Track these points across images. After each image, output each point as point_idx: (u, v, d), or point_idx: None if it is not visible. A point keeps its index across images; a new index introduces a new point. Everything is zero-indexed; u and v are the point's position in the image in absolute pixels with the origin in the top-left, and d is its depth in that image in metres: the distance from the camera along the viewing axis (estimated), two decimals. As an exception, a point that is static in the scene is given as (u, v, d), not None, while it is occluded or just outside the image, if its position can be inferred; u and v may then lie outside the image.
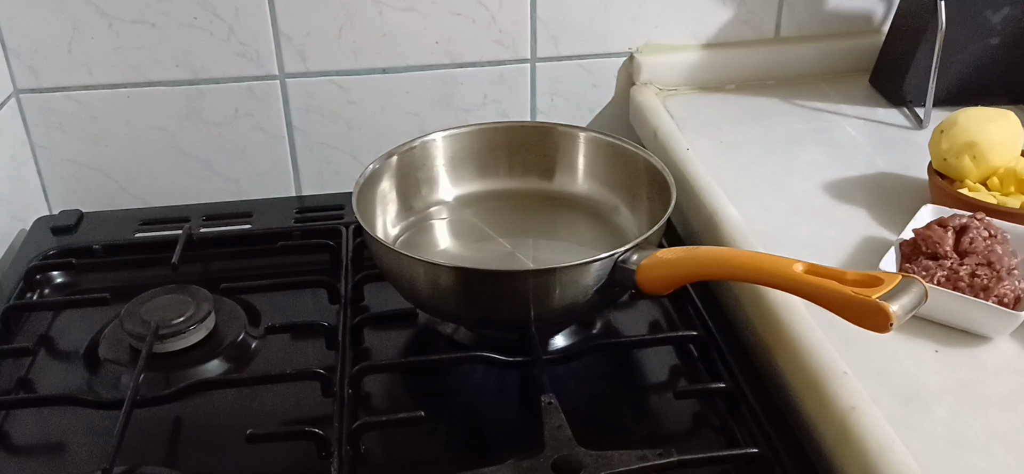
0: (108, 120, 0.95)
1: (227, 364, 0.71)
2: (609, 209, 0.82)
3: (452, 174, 0.84)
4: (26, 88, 0.92)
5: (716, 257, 0.65)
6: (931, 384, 0.60)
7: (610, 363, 0.71)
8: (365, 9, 0.94)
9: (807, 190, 0.83)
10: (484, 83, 1.00)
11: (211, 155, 0.98)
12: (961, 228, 0.68)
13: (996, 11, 0.93)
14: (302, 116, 0.98)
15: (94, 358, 0.72)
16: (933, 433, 0.56)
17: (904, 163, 0.86)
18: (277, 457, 0.61)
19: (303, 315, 0.75)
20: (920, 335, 0.63)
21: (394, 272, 0.69)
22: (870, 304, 0.52)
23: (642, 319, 0.76)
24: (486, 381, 0.69)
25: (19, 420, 0.66)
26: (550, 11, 0.97)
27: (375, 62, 0.97)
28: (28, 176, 0.96)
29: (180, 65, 0.93)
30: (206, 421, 0.66)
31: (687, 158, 0.87)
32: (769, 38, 1.04)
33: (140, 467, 0.60)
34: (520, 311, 0.66)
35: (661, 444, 0.57)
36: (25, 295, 0.79)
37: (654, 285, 0.65)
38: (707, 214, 0.79)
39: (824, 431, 0.58)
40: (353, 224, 0.86)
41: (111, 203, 0.97)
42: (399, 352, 0.73)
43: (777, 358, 0.65)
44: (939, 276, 0.64)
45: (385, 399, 0.68)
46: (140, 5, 0.90)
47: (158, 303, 0.73)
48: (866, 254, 0.73)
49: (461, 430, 0.65)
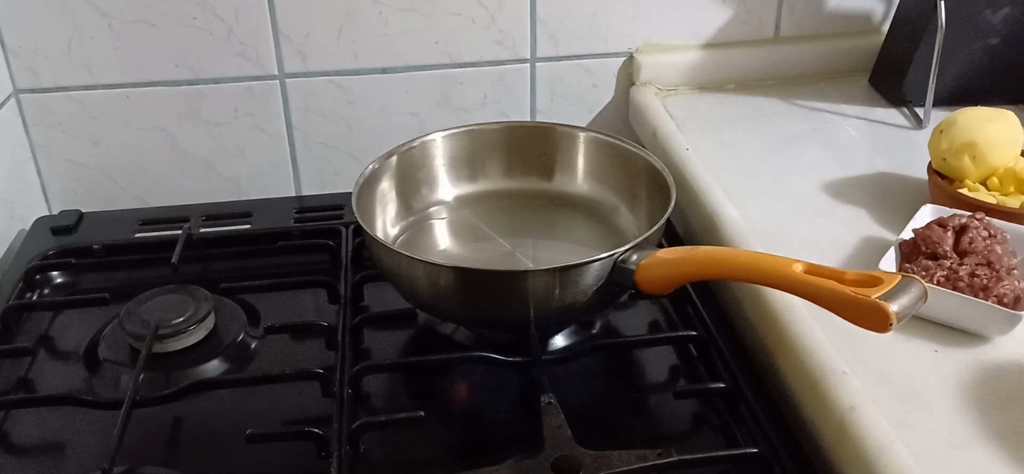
0: (108, 120, 0.95)
1: (227, 364, 0.71)
2: (609, 209, 0.82)
3: (452, 174, 0.84)
4: (26, 88, 0.92)
5: (716, 257, 0.65)
6: (931, 384, 0.60)
7: (610, 363, 0.71)
8: (365, 9, 0.94)
9: (807, 190, 0.83)
10: (484, 83, 1.00)
11: (211, 155, 0.98)
12: (961, 228, 0.68)
13: (996, 11, 0.93)
14: (302, 116, 0.98)
15: (94, 358, 0.72)
16: (933, 433, 0.56)
17: (904, 163, 0.86)
18: (277, 457, 0.61)
19: (303, 315, 0.75)
20: (920, 335, 0.63)
21: (394, 272, 0.69)
22: (870, 304, 0.52)
23: (642, 319, 0.76)
24: (486, 381, 0.69)
25: (19, 420, 0.66)
26: (550, 11, 0.97)
27: (375, 62, 0.97)
28: (28, 176, 0.96)
29: (180, 65, 0.93)
30: (206, 421, 0.66)
31: (687, 158, 0.87)
32: (769, 38, 1.04)
33: (140, 467, 0.60)
34: (520, 311, 0.66)
35: (661, 444, 0.58)
36: (25, 295, 0.79)
37: (654, 285, 0.65)
38: (707, 214, 0.79)
39: (824, 431, 0.58)
40: (353, 224, 0.86)
41: (111, 203, 0.97)
42: (399, 352, 0.73)
43: (777, 358, 0.65)
44: (939, 276, 0.64)
45: (385, 399, 0.68)
46: (140, 5, 0.90)
47: (158, 303, 0.73)
48: (866, 254, 0.73)
49: (461, 430, 0.65)
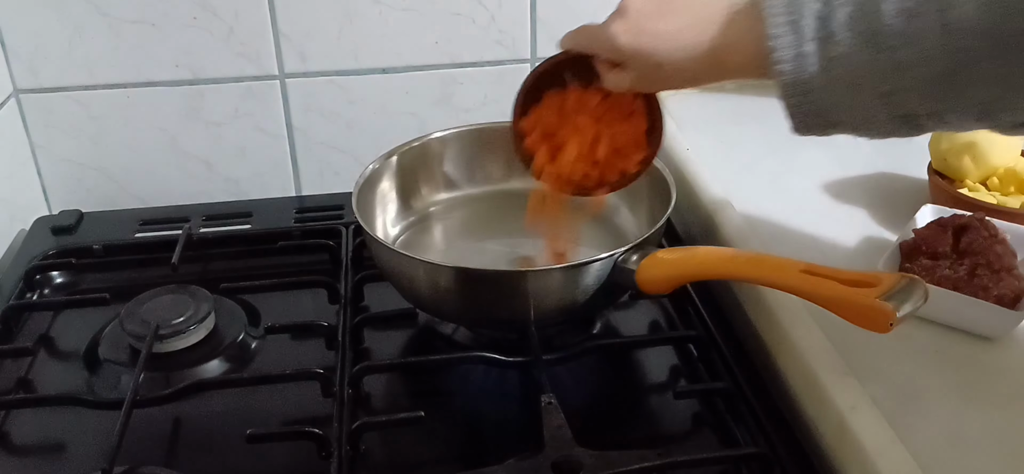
0: (108, 120, 0.95)
1: (227, 364, 0.71)
2: (609, 209, 0.82)
3: (452, 174, 0.84)
4: (26, 88, 0.92)
5: (716, 257, 0.65)
6: (931, 384, 0.60)
7: (610, 363, 0.71)
8: (365, 9, 0.94)
9: (807, 190, 0.83)
10: (484, 83, 0.99)
11: (211, 155, 0.98)
12: (961, 228, 0.68)
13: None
14: (302, 116, 0.98)
15: (94, 358, 0.71)
16: (933, 433, 0.56)
17: (904, 163, 0.86)
18: (277, 457, 0.61)
19: (303, 315, 0.75)
20: (920, 335, 0.63)
21: (394, 272, 0.69)
22: (870, 304, 0.52)
23: (642, 319, 0.76)
24: (486, 381, 0.69)
25: (19, 420, 0.66)
26: (550, 11, 0.97)
27: (375, 62, 0.97)
28: (28, 176, 0.96)
29: (180, 65, 0.93)
30: (206, 421, 0.65)
31: (687, 158, 0.87)
32: (769, 38, 1.04)
33: (140, 467, 0.60)
34: (520, 311, 0.66)
35: (661, 444, 0.58)
36: (25, 295, 0.79)
37: (654, 285, 0.65)
38: (707, 214, 0.79)
39: (824, 431, 0.58)
40: (353, 224, 0.86)
41: (111, 203, 0.97)
42: (399, 352, 0.73)
43: (777, 358, 0.65)
44: (939, 276, 0.64)
45: (385, 399, 0.68)
46: (140, 5, 0.90)
47: (158, 303, 0.73)
48: (866, 254, 0.73)
49: (461, 430, 0.65)
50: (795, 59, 0.53)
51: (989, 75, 0.49)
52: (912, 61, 0.50)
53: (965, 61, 0.49)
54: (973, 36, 0.49)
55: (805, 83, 0.54)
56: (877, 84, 0.52)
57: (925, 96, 0.52)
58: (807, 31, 0.53)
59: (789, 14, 0.53)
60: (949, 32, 0.49)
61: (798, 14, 0.53)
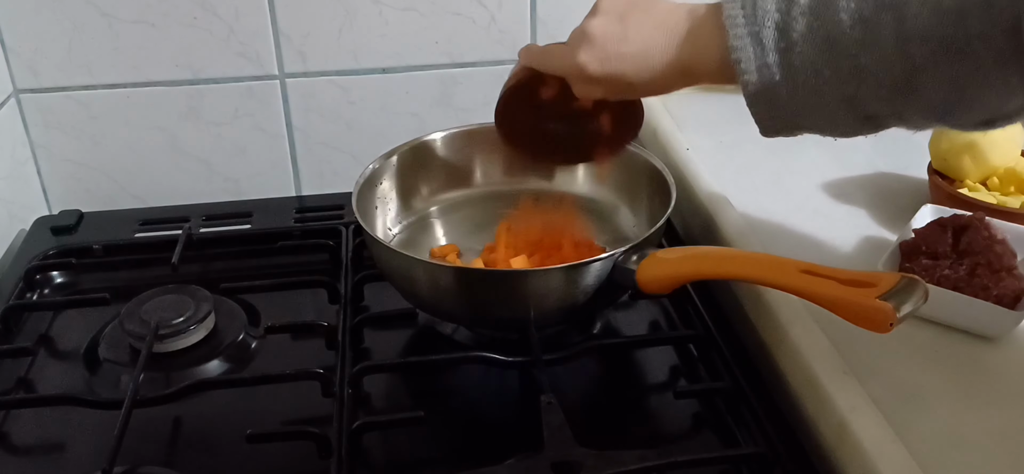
0: (108, 120, 0.95)
1: (227, 364, 0.71)
2: (609, 209, 0.82)
3: (452, 174, 0.84)
4: (26, 88, 0.92)
5: (716, 257, 0.65)
6: (931, 384, 0.60)
7: (610, 363, 0.71)
8: (365, 9, 0.94)
9: (807, 190, 0.83)
10: (484, 83, 0.99)
11: (211, 155, 0.98)
12: (961, 228, 0.68)
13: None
14: (302, 116, 0.98)
15: (94, 358, 0.71)
16: (933, 433, 0.56)
17: (904, 163, 0.86)
18: (277, 457, 0.61)
19: (303, 315, 0.75)
20: (920, 335, 0.63)
21: (394, 272, 0.69)
22: (870, 304, 0.52)
23: (642, 319, 0.76)
24: (486, 381, 0.69)
25: (19, 420, 0.66)
26: (550, 11, 0.97)
27: (375, 62, 0.97)
28: (28, 176, 0.96)
29: (180, 65, 0.93)
30: (206, 421, 0.66)
31: (687, 158, 0.87)
32: (769, 38, 1.04)
33: (140, 467, 0.60)
34: (520, 311, 0.66)
35: (661, 444, 0.58)
36: (25, 295, 0.79)
37: (654, 285, 0.65)
38: (707, 214, 0.79)
39: (824, 431, 0.58)
40: (353, 224, 0.86)
41: (111, 203, 0.97)
42: (399, 352, 0.73)
43: (777, 358, 0.65)
44: (939, 276, 0.64)
45: (385, 399, 0.68)
46: (140, 5, 0.90)
47: (158, 303, 0.73)
48: (866, 254, 0.73)
49: (461, 430, 0.65)
50: (759, 70, 0.55)
51: (945, 78, 0.50)
52: (871, 67, 0.52)
53: (922, 66, 0.50)
54: (929, 42, 0.50)
55: (770, 91, 0.55)
56: (840, 88, 0.53)
57: (886, 99, 0.53)
58: (768, 42, 0.54)
59: (749, 25, 0.54)
60: (906, 39, 0.50)
61: (759, 24, 0.54)
